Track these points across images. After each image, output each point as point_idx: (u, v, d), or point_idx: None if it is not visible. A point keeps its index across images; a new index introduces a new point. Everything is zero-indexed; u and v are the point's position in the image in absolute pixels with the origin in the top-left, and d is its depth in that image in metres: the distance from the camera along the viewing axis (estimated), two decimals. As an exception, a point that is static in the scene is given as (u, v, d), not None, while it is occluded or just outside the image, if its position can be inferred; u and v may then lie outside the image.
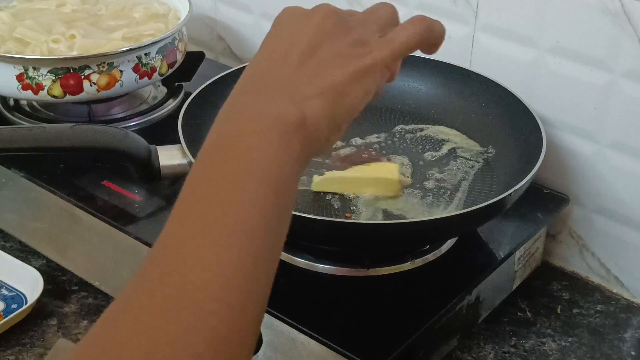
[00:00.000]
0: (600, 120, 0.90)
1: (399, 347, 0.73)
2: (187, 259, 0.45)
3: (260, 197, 0.48)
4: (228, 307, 0.44)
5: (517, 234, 0.89)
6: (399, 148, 0.93)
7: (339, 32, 0.56)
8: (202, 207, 0.47)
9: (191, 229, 0.46)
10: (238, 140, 0.49)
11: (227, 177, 0.48)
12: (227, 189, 0.47)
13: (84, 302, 0.92)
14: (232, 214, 0.46)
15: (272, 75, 0.54)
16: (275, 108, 0.51)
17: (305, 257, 0.82)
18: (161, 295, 0.43)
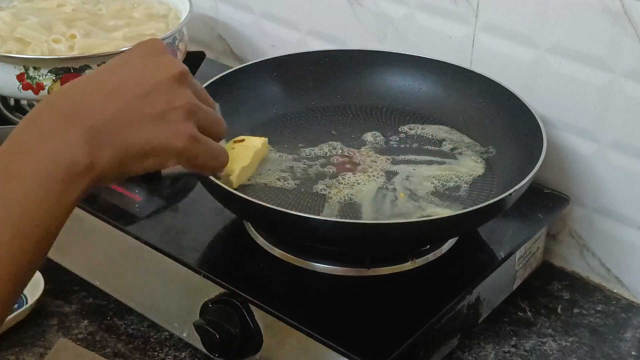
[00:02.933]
0: (600, 120, 0.90)
1: (399, 347, 0.73)
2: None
3: (16, 249, 0.50)
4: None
5: (517, 233, 0.89)
6: (399, 148, 0.93)
7: (182, 98, 0.57)
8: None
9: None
10: (19, 174, 0.51)
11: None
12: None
13: (85, 302, 0.92)
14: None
15: (91, 105, 0.54)
16: (69, 152, 0.52)
17: (305, 257, 0.82)
18: None
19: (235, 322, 0.77)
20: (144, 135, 0.55)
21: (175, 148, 0.56)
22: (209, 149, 0.60)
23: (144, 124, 0.55)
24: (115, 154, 0.54)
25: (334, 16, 1.10)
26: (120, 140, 0.54)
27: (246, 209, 0.79)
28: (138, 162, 0.56)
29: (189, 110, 0.57)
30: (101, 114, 0.54)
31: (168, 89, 0.56)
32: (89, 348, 0.86)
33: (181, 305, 0.84)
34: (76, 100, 0.55)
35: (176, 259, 0.82)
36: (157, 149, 0.56)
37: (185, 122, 0.57)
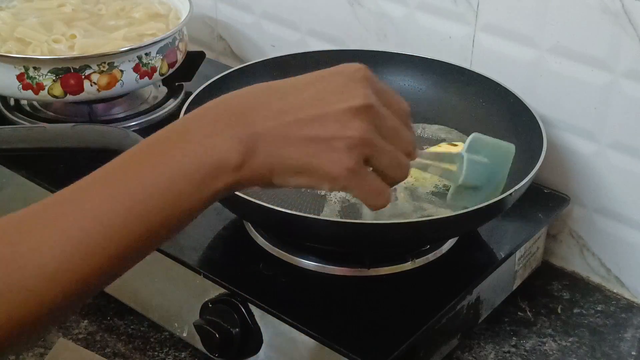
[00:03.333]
0: (600, 120, 0.90)
1: (399, 347, 0.73)
2: (33, 232, 0.50)
3: (145, 224, 0.52)
4: (36, 297, 0.49)
5: (517, 233, 0.89)
6: (399, 148, 0.93)
7: (354, 130, 0.55)
8: (89, 191, 0.52)
9: (61, 206, 0.51)
10: (169, 157, 0.53)
11: (131, 186, 0.52)
12: (115, 200, 0.51)
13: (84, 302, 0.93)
14: (104, 222, 0.51)
15: (263, 114, 0.55)
16: (221, 148, 0.53)
17: (305, 257, 0.82)
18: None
19: (235, 322, 0.77)
20: (301, 153, 0.55)
21: (329, 175, 0.55)
22: (367, 187, 0.57)
23: (306, 144, 0.55)
24: (268, 163, 0.54)
25: (334, 16, 1.10)
26: (277, 152, 0.54)
27: (246, 209, 0.79)
28: (288, 177, 0.55)
29: (357, 143, 0.55)
30: (269, 124, 0.54)
31: (343, 118, 0.55)
32: (89, 348, 0.86)
33: (181, 305, 0.84)
34: (250, 105, 0.55)
35: (176, 259, 0.82)
36: (310, 170, 0.55)
37: (348, 152, 0.55)
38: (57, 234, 0.50)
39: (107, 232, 0.51)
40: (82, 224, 0.51)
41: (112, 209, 0.51)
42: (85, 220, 0.51)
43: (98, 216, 0.51)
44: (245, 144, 0.53)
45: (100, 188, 0.52)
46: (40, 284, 0.49)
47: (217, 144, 0.53)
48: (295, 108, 0.55)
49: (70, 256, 0.50)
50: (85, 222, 0.51)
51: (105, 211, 0.51)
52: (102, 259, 0.51)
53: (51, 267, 0.49)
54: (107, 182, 0.53)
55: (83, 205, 0.51)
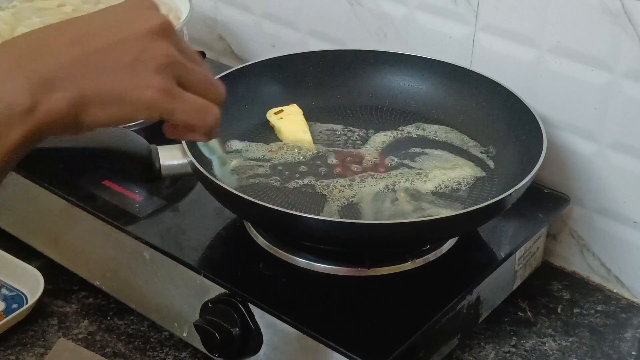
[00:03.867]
0: (600, 120, 0.90)
1: (399, 347, 0.73)
2: None
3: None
4: None
5: (517, 233, 0.89)
6: (399, 148, 0.93)
7: (157, 50, 0.52)
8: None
9: None
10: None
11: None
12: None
13: (85, 302, 0.92)
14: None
15: (50, 48, 0.51)
16: (6, 95, 0.48)
17: (305, 257, 0.82)
18: None
19: (235, 322, 0.77)
20: (105, 83, 0.51)
21: (141, 100, 0.51)
22: (190, 105, 0.54)
23: (107, 72, 0.51)
24: (67, 98, 0.49)
25: (334, 16, 1.10)
26: (76, 85, 0.50)
27: (246, 209, 0.79)
28: (96, 112, 0.51)
29: (163, 62, 0.52)
30: (58, 57, 0.50)
31: (143, 40, 0.52)
32: (89, 348, 0.86)
33: (181, 305, 0.84)
34: (35, 42, 0.51)
35: (176, 259, 0.82)
36: (121, 99, 0.51)
37: (156, 73, 0.52)
38: None
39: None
40: None
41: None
42: None
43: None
44: (35, 82, 0.49)
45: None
46: None
47: (1, 89, 0.48)
48: (89, 37, 0.51)
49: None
50: None
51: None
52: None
53: None
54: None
55: None
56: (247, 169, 0.89)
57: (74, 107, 0.50)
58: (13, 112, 0.48)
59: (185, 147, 0.81)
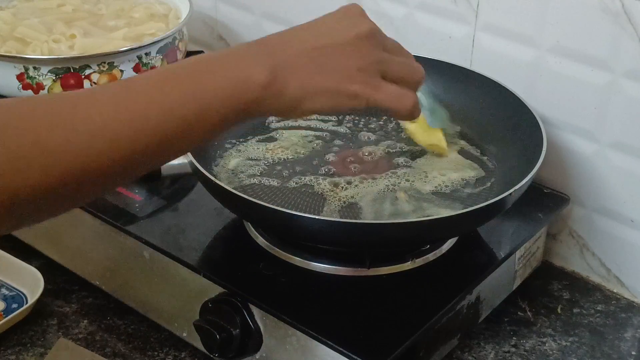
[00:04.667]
0: (600, 120, 0.90)
1: (399, 347, 0.73)
2: (91, 103, 0.55)
3: (185, 111, 0.57)
4: (87, 150, 0.53)
5: (517, 233, 0.89)
6: (399, 148, 0.93)
7: (365, 52, 0.65)
8: (149, 83, 0.58)
9: (122, 90, 0.57)
10: (209, 68, 0.60)
11: (180, 78, 0.58)
12: (170, 87, 0.57)
13: (85, 302, 0.92)
14: (158, 101, 0.56)
15: (287, 47, 0.63)
16: (254, 70, 0.60)
17: (305, 256, 0.82)
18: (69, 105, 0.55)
19: (235, 322, 0.77)
20: (327, 79, 0.63)
21: (350, 91, 0.64)
22: (389, 94, 0.66)
23: (329, 71, 0.63)
24: (296, 85, 0.61)
25: (334, 16, 1.10)
26: (305, 77, 0.62)
27: (246, 209, 0.79)
28: (317, 99, 0.63)
29: (369, 61, 0.65)
30: (295, 54, 0.62)
31: (355, 43, 0.64)
32: (89, 348, 0.86)
33: (181, 305, 0.84)
34: (272, 41, 0.63)
35: (176, 259, 0.82)
36: (333, 91, 0.63)
37: (362, 71, 0.64)
38: (110, 109, 0.55)
39: (143, 120, 0.56)
40: (125, 105, 0.56)
41: (148, 104, 0.56)
42: (128, 104, 0.56)
43: (139, 106, 0.56)
44: (272, 68, 0.60)
45: (141, 87, 0.58)
46: (89, 135, 0.53)
47: (244, 67, 0.60)
48: (313, 39, 0.64)
49: (117, 125, 0.54)
50: (128, 106, 0.56)
51: (143, 105, 0.56)
52: (137, 140, 0.55)
53: (98, 124, 0.54)
54: (147, 85, 0.58)
55: (124, 93, 0.57)
56: (247, 168, 0.89)
57: (299, 93, 0.62)
58: (254, 81, 0.59)
59: (185, 147, 0.81)
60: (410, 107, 0.67)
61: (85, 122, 0.54)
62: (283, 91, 0.61)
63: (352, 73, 0.64)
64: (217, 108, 0.58)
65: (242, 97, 0.59)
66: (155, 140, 0.56)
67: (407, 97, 0.67)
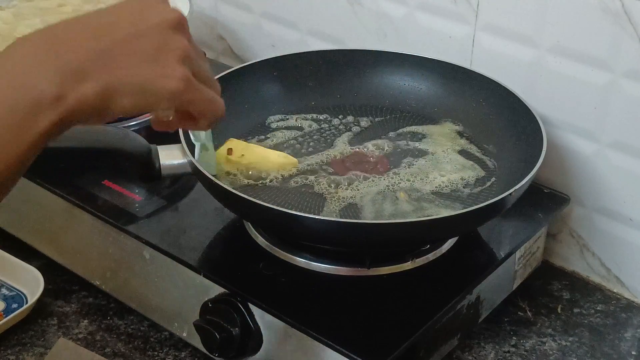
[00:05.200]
0: (600, 120, 0.90)
1: (399, 347, 0.73)
2: None
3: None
4: None
5: (517, 233, 0.89)
6: (399, 148, 0.93)
7: (178, 42, 0.55)
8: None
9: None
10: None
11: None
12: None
13: (85, 302, 0.92)
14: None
15: (75, 41, 0.53)
16: (36, 84, 0.50)
17: (305, 256, 0.82)
18: None
19: (235, 322, 0.77)
20: (132, 73, 0.53)
21: (167, 89, 0.54)
22: (205, 95, 0.57)
23: (133, 63, 0.53)
24: (96, 88, 0.51)
25: (334, 16, 1.10)
26: (104, 75, 0.51)
27: (246, 209, 0.79)
28: (123, 99, 0.52)
29: (184, 54, 0.55)
30: (84, 49, 0.52)
31: (163, 32, 0.54)
32: (89, 348, 0.86)
33: (181, 305, 0.84)
34: (59, 35, 0.53)
35: (176, 258, 0.82)
36: (146, 88, 0.53)
37: (179, 65, 0.55)
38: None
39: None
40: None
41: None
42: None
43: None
44: (63, 73, 0.50)
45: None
46: None
47: (30, 79, 0.50)
48: (112, 28, 0.53)
49: None
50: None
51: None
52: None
53: None
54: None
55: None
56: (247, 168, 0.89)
57: (101, 96, 0.51)
58: (42, 101, 0.49)
59: (185, 147, 0.81)
60: (221, 114, 0.59)
61: None
62: (82, 99, 0.51)
63: (167, 66, 0.54)
64: (1, 154, 0.49)
65: (34, 127, 0.49)
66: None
67: (220, 102, 0.59)
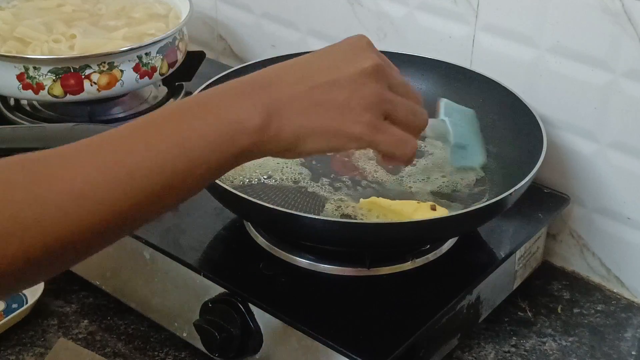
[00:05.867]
0: (600, 120, 0.90)
1: (399, 347, 0.73)
2: (70, 162, 0.52)
3: (173, 165, 0.54)
4: (66, 217, 0.51)
5: (517, 233, 0.89)
6: (399, 148, 0.93)
7: (368, 90, 0.60)
8: (132, 136, 0.55)
9: (98, 147, 0.54)
10: (188, 124, 0.55)
11: (164, 129, 0.55)
12: (158, 142, 0.54)
13: (85, 302, 0.92)
14: (129, 171, 0.53)
15: (281, 83, 0.59)
16: (240, 112, 0.56)
17: (306, 257, 0.82)
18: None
19: (235, 322, 0.77)
20: (324, 117, 0.58)
21: (352, 134, 0.59)
22: (391, 138, 0.61)
23: (327, 108, 0.58)
24: (292, 128, 0.57)
25: (334, 16, 1.10)
26: (300, 118, 0.58)
27: (246, 209, 0.79)
28: (313, 141, 0.59)
29: (372, 102, 0.60)
30: (289, 92, 0.58)
31: (357, 81, 0.59)
32: (89, 348, 0.86)
33: (181, 305, 0.84)
34: (268, 77, 0.59)
35: (176, 259, 0.82)
36: (334, 132, 0.59)
37: (365, 111, 0.59)
38: (91, 171, 0.52)
39: (129, 180, 0.53)
40: (110, 166, 0.53)
41: (134, 161, 0.53)
42: (112, 164, 0.53)
43: (125, 164, 0.53)
44: (266, 109, 0.56)
45: (125, 142, 0.55)
46: (70, 204, 0.51)
47: (236, 110, 0.56)
48: (312, 76, 0.59)
49: (98, 189, 0.52)
50: (113, 166, 0.53)
51: (129, 163, 0.53)
52: (123, 201, 0.53)
53: (80, 191, 0.51)
54: (131, 138, 0.55)
55: (108, 152, 0.54)
56: (247, 168, 0.89)
57: (295, 136, 0.58)
58: (248, 126, 0.56)
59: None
60: (410, 154, 0.63)
61: (64, 192, 0.51)
62: (279, 134, 0.57)
63: (355, 113, 0.59)
64: (207, 158, 0.55)
65: (235, 144, 0.56)
66: (141, 199, 0.53)
67: (409, 142, 0.63)
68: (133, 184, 0.53)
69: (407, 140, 0.63)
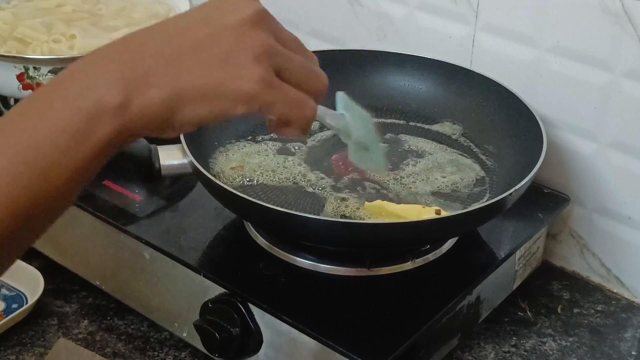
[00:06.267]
0: (600, 120, 0.90)
1: (399, 347, 0.73)
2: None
3: (31, 183, 0.46)
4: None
5: (517, 233, 0.89)
6: (399, 148, 0.93)
7: (253, 39, 0.50)
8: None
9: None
10: (50, 107, 0.48)
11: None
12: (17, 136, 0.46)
13: (85, 302, 0.92)
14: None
15: (145, 47, 0.50)
16: (99, 90, 0.47)
17: (306, 257, 0.82)
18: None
19: (235, 322, 0.77)
20: (201, 77, 0.49)
21: (241, 92, 0.49)
22: (287, 99, 0.51)
23: (201, 66, 0.49)
24: (161, 95, 0.48)
25: (334, 16, 1.10)
26: (170, 82, 0.48)
27: (246, 209, 0.79)
28: (192, 108, 0.49)
29: (261, 51, 0.50)
30: (153, 54, 0.49)
31: (237, 30, 0.49)
32: (89, 348, 0.86)
33: (181, 305, 0.84)
34: (129, 44, 0.50)
35: (176, 258, 0.82)
36: (217, 93, 0.49)
37: (254, 64, 0.49)
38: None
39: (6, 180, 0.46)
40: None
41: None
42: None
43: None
44: (126, 80, 0.47)
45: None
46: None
47: (92, 85, 0.47)
48: (181, 34, 0.50)
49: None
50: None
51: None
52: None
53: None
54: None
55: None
56: (248, 168, 0.89)
57: (168, 104, 0.48)
58: (104, 107, 0.47)
59: (185, 147, 0.81)
60: (309, 116, 0.53)
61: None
62: (148, 106, 0.48)
63: (241, 67, 0.49)
64: (63, 160, 0.46)
65: (94, 134, 0.47)
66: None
67: (307, 104, 0.53)
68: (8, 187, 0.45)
69: (305, 101, 0.52)
